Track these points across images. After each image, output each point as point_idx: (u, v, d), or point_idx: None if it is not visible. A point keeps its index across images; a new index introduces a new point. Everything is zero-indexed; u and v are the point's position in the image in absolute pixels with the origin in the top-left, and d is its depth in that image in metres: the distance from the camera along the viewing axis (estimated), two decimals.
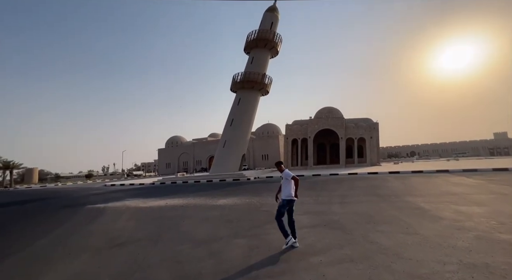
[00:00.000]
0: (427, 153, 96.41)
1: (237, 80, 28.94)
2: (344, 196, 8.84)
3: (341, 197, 8.53)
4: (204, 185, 18.25)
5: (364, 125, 31.87)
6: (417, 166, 25.65)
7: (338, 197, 8.68)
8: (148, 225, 6.14)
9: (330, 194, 9.47)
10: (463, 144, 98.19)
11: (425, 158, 64.42)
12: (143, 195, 14.24)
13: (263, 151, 58.49)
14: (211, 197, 11.06)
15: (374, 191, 9.59)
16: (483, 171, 15.83)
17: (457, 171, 16.59)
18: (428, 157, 73.80)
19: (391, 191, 9.47)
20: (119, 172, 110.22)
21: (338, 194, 9.48)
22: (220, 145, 28.61)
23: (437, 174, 15.89)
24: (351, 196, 8.79)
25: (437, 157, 79.51)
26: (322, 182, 14.46)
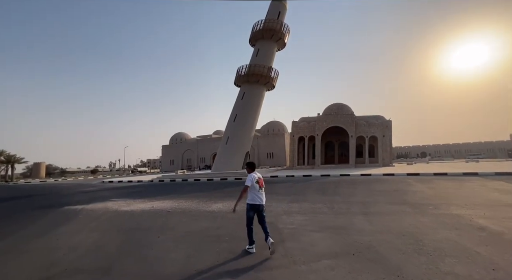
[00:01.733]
0: (438, 153, 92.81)
1: (242, 73, 27.32)
2: (365, 203, 7.17)
3: (363, 205, 6.86)
4: (204, 185, 16.82)
5: (376, 123, 29.81)
6: (435, 167, 23.56)
7: (358, 204, 7.02)
8: (111, 242, 4.64)
9: (348, 201, 7.80)
10: (478, 145, 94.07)
11: (438, 159, 61.45)
12: (134, 194, 12.88)
13: (268, 149, 56.85)
14: (206, 199, 9.57)
15: (401, 198, 7.87)
16: None
17: (488, 174, 14.59)
18: (442, 158, 70.68)
19: (422, 198, 7.74)
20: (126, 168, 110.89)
21: (357, 200, 7.80)
22: (222, 142, 27.16)
23: (466, 177, 13.95)
24: (375, 203, 7.11)
25: (450, 158, 76.16)
26: (334, 184, 12.77)
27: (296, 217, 5.88)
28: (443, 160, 57.40)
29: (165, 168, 68.40)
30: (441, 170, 19.02)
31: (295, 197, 9.05)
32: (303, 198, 8.72)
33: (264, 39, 27.77)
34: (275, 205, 7.67)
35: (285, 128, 63.48)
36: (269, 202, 8.05)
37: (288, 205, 7.59)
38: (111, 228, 5.75)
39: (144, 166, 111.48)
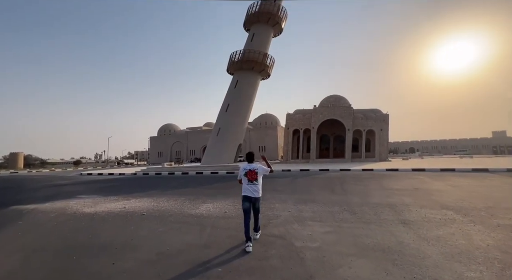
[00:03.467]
0: (426, 149, 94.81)
1: (235, 60, 25.27)
2: (393, 207, 5.72)
3: (392, 210, 5.41)
4: (192, 179, 15.08)
5: (374, 116, 28.79)
6: (432, 163, 22.83)
7: (385, 208, 5.56)
8: (30, 276, 2.91)
9: (368, 202, 6.35)
10: (464, 141, 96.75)
11: (428, 155, 62.19)
12: (109, 190, 11.01)
13: (261, 143, 55.36)
14: (193, 197, 7.90)
15: (431, 199, 6.51)
16: None
17: (499, 170, 13.70)
18: (431, 154, 71.81)
19: (458, 199, 6.40)
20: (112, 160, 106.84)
21: (380, 202, 6.36)
22: (213, 133, 25.29)
23: (476, 173, 12.97)
24: (405, 207, 5.68)
25: (438, 153, 77.68)
26: (339, 180, 11.40)
27: (314, 227, 4.35)
28: (433, 155, 58.05)
29: (153, 161, 65.66)
30: (444, 165, 18.15)
31: (301, 196, 7.55)
32: (311, 198, 7.23)
33: (260, 23, 25.71)
34: (279, 207, 6.12)
35: (278, 121, 61.99)
36: (271, 202, 6.51)
37: (295, 207, 6.06)
38: (50, 244, 4.00)
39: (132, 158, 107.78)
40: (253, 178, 3.66)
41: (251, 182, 3.67)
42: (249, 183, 3.67)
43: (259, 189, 3.70)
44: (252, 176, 3.66)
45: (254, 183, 3.67)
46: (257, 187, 3.68)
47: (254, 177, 3.67)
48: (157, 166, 26.14)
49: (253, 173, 3.68)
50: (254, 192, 3.65)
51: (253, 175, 3.67)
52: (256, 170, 3.69)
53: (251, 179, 3.67)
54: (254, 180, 3.66)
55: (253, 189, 3.65)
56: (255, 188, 3.66)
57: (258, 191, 3.68)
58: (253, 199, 3.63)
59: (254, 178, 3.66)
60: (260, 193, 3.72)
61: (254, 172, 3.68)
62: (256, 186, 3.67)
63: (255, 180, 3.67)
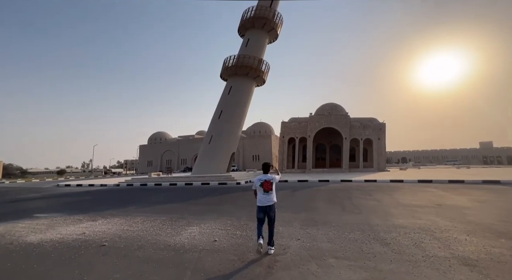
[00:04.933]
0: (418, 159, 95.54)
1: (229, 65, 24.32)
2: (430, 231, 4.49)
3: (434, 238, 4.17)
4: (179, 191, 13.53)
5: (371, 125, 28.17)
6: (433, 173, 22.06)
7: (423, 235, 4.31)
8: None
9: (393, 225, 5.10)
10: (454, 152, 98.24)
11: (421, 165, 62.24)
12: (79, 205, 9.37)
13: (254, 152, 54.04)
14: (176, 217, 6.46)
15: (473, 221, 5.33)
16: None
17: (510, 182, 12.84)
18: (424, 164, 72.17)
19: (506, 223, 5.25)
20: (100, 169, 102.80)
21: (408, 224, 5.13)
22: (205, 141, 23.84)
23: (488, 185, 12.04)
24: (449, 232, 4.46)
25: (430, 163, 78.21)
26: (345, 194, 10.17)
27: (341, 269, 3.03)
28: (426, 165, 58.05)
29: (142, 170, 62.93)
30: (446, 176, 17.30)
31: (308, 215, 6.24)
32: (322, 218, 5.93)
33: (255, 28, 25.09)
34: (284, 232, 4.79)
35: (272, 130, 61.12)
36: None
37: (305, 231, 4.75)
38: None
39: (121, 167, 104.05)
40: (268, 188, 3.81)
41: (267, 192, 3.81)
42: (264, 193, 3.82)
43: (273, 197, 3.85)
44: (268, 186, 3.81)
45: (269, 193, 3.82)
46: (272, 196, 3.84)
47: (270, 188, 3.82)
48: (143, 176, 24.28)
49: (269, 183, 3.82)
50: (269, 201, 3.81)
51: (269, 186, 3.82)
52: (272, 180, 3.85)
53: (267, 189, 3.81)
54: (270, 190, 3.82)
55: (268, 198, 3.82)
56: (270, 196, 3.83)
57: (272, 199, 3.83)
58: (267, 208, 3.78)
59: (270, 188, 3.82)
60: (275, 200, 3.87)
61: (270, 183, 3.83)
62: (270, 195, 3.83)
63: (270, 190, 3.83)
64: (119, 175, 52.12)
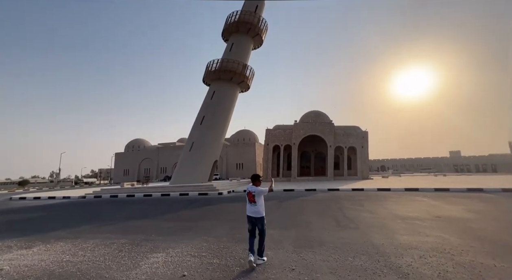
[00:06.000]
0: (396, 167, 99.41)
1: (212, 69, 23.45)
2: (446, 254, 3.76)
3: (457, 264, 3.43)
4: (153, 203, 12.06)
5: (355, 133, 28.39)
6: (415, 181, 22.33)
7: (443, 260, 3.57)
8: None
9: (399, 245, 4.34)
10: (427, 160, 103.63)
11: (399, 172, 64.46)
12: (25, 224, 7.72)
13: (238, 160, 52.73)
14: (140, 238, 5.24)
15: (485, 237, 4.72)
16: None
17: (494, 190, 12.95)
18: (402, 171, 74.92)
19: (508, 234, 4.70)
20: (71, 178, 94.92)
21: (415, 243, 4.40)
22: (185, 148, 22.41)
23: (474, 193, 11.99)
24: (468, 253, 3.75)
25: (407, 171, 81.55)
26: (334, 204, 9.43)
27: None
28: (404, 173, 60.23)
29: (118, 179, 58.78)
30: (429, 184, 17.41)
31: (300, 233, 5.32)
32: (316, 236, 5.03)
33: (239, 33, 24.61)
34: (273, 257, 3.85)
35: (256, 138, 60.41)
36: None
37: (299, 257, 3.82)
38: None
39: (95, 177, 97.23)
40: (251, 200, 3.77)
41: (251, 203, 3.79)
42: (249, 204, 3.82)
43: (259, 210, 3.76)
44: (251, 198, 3.78)
45: (253, 205, 3.76)
46: (257, 208, 3.75)
47: (253, 200, 3.77)
48: (115, 187, 22.07)
49: (251, 195, 3.79)
50: (254, 213, 3.75)
51: (251, 198, 3.78)
52: (253, 193, 3.77)
53: (251, 200, 3.79)
54: (253, 202, 3.76)
55: (253, 210, 3.76)
56: (255, 209, 3.75)
57: (259, 211, 3.75)
58: (253, 219, 3.74)
59: (253, 200, 3.77)
60: (260, 213, 3.75)
61: (252, 195, 3.78)
62: (255, 207, 3.75)
63: (254, 202, 3.76)
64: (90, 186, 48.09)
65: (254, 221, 3.75)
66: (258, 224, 3.73)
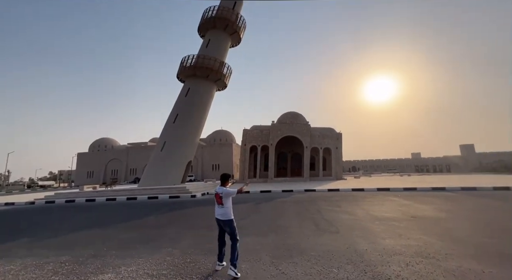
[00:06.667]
0: (365, 168, 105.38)
1: (187, 65, 22.29)
2: (435, 259, 3.55)
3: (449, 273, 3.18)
4: (115, 209, 10.76)
5: (330, 135, 29.13)
6: (385, 181, 23.46)
7: (429, 267, 3.31)
8: None
9: (383, 250, 4.07)
10: (392, 161, 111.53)
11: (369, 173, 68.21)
12: None
13: (214, 161, 51.36)
14: (87, 255, 4.32)
15: (465, 241, 4.67)
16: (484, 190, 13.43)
17: (454, 189, 13.87)
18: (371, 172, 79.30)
19: (492, 238, 4.72)
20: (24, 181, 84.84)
21: (399, 248, 4.17)
22: (157, 148, 20.91)
23: (439, 192, 12.68)
24: (458, 261, 3.56)
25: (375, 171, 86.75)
26: (311, 205, 9.17)
27: None
28: (374, 173, 63.86)
29: (80, 182, 53.62)
30: (398, 184, 18.29)
31: (279, 240, 4.83)
32: (296, 243, 4.57)
33: (216, 29, 23.78)
34: (248, 271, 3.31)
35: (233, 138, 59.49)
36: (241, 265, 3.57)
37: (278, 271, 3.32)
38: None
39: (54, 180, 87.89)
40: (219, 202, 3.60)
41: (218, 205, 3.61)
42: (216, 205, 3.64)
43: (226, 212, 3.55)
44: (218, 200, 3.61)
45: (220, 207, 3.58)
46: (224, 210, 3.55)
47: (220, 202, 3.58)
48: (72, 191, 19.74)
49: (218, 197, 3.61)
50: (221, 215, 3.56)
51: (218, 199, 3.61)
52: (221, 194, 3.58)
53: (218, 202, 3.61)
54: (220, 204, 3.58)
55: (220, 212, 3.57)
56: (222, 211, 3.56)
57: (224, 214, 3.54)
58: (221, 222, 3.56)
59: (220, 202, 3.58)
60: (227, 216, 3.53)
61: (219, 196, 3.59)
62: (222, 209, 3.56)
63: (221, 204, 3.57)
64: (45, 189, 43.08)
65: (221, 224, 3.57)
66: (226, 228, 3.54)
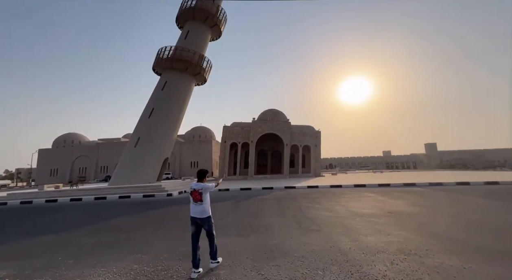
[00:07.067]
0: (341, 165, 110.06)
1: (164, 57, 21.11)
2: (418, 257, 3.54)
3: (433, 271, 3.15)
4: (80, 211, 9.77)
5: (309, 132, 29.65)
6: (357, 178, 24.46)
7: (414, 265, 3.27)
8: None
9: (366, 247, 4.02)
10: (366, 159, 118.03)
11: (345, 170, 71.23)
12: None
13: (193, 158, 49.93)
14: (37, 266, 3.73)
15: (441, 235, 4.78)
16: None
17: (423, 184, 14.76)
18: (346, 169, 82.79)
19: (465, 232, 4.90)
20: None
21: (380, 245, 4.15)
22: (130, 144, 19.59)
23: (410, 188, 13.38)
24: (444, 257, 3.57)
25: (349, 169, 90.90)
26: (292, 203, 9.09)
27: None
28: (348, 170, 66.78)
29: (42, 181, 48.96)
30: (374, 180, 19.11)
31: (260, 240, 4.57)
32: (279, 244, 4.35)
33: (196, 21, 22.79)
34: (226, 277, 2.97)
35: (213, 135, 58.32)
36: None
37: (260, 276, 3.05)
38: None
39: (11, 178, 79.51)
40: (197, 199, 3.45)
41: (195, 202, 3.46)
42: (193, 203, 3.47)
43: (204, 209, 3.43)
44: (197, 197, 3.45)
45: (198, 204, 3.44)
46: (202, 207, 3.42)
47: (199, 198, 3.44)
48: (30, 190, 17.75)
49: (197, 193, 3.45)
50: (200, 213, 3.41)
51: (197, 196, 3.45)
52: (200, 190, 3.44)
53: (195, 199, 3.46)
54: (199, 200, 3.44)
55: (198, 209, 3.42)
56: (200, 208, 3.42)
57: (203, 211, 3.41)
58: (198, 220, 3.41)
59: (199, 198, 3.44)
60: (206, 213, 3.43)
61: (198, 192, 3.44)
62: (201, 206, 3.42)
63: (200, 200, 3.44)
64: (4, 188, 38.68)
65: (199, 222, 3.41)
66: (205, 225, 3.41)
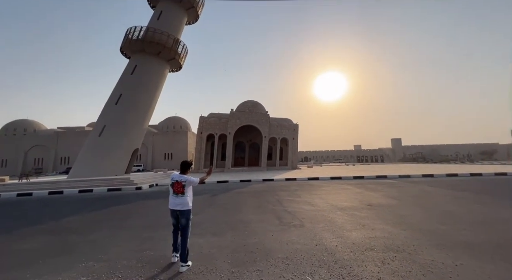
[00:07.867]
0: (316, 158, 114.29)
1: (133, 37, 19.17)
2: (408, 253, 3.33)
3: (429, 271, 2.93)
4: (28, 207, 8.41)
5: (287, 125, 29.68)
6: (332, 170, 25.23)
7: (406, 263, 3.04)
8: None
9: (353, 245, 3.77)
10: (338, 152, 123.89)
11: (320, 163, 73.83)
12: None
13: (167, 149, 47.63)
14: None
15: (425, 229, 4.71)
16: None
17: (394, 177, 15.50)
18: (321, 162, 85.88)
19: (444, 224, 4.91)
20: None
21: (368, 241, 3.93)
22: (93, 133, 17.70)
23: (382, 180, 13.93)
24: (432, 253, 3.40)
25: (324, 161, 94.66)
26: (271, 196, 8.77)
27: None
28: (323, 163, 69.35)
29: None
30: (349, 172, 19.73)
31: (239, 239, 4.09)
32: (259, 243, 3.91)
33: (170, 1, 20.97)
34: None
35: (188, 126, 56.10)
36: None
37: None
38: None
39: None
40: (179, 191, 3.31)
41: (176, 194, 3.31)
42: (173, 195, 3.33)
43: (185, 201, 3.28)
44: (178, 189, 3.32)
45: (179, 196, 3.30)
46: (183, 199, 3.28)
47: (181, 190, 3.31)
48: None
49: (180, 185, 3.32)
50: (180, 205, 3.27)
51: (179, 188, 3.32)
52: (184, 182, 3.33)
53: (177, 191, 3.32)
54: (180, 193, 3.30)
55: (179, 201, 3.28)
56: (180, 200, 3.28)
57: (184, 204, 3.27)
58: (178, 212, 3.29)
59: (181, 191, 3.31)
60: (187, 205, 3.28)
61: (181, 185, 3.32)
62: (182, 198, 3.29)
63: (181, 193, 3.30)
64: None
65: (179, 214, 3.26)
66: (183, 219, 3.25)
